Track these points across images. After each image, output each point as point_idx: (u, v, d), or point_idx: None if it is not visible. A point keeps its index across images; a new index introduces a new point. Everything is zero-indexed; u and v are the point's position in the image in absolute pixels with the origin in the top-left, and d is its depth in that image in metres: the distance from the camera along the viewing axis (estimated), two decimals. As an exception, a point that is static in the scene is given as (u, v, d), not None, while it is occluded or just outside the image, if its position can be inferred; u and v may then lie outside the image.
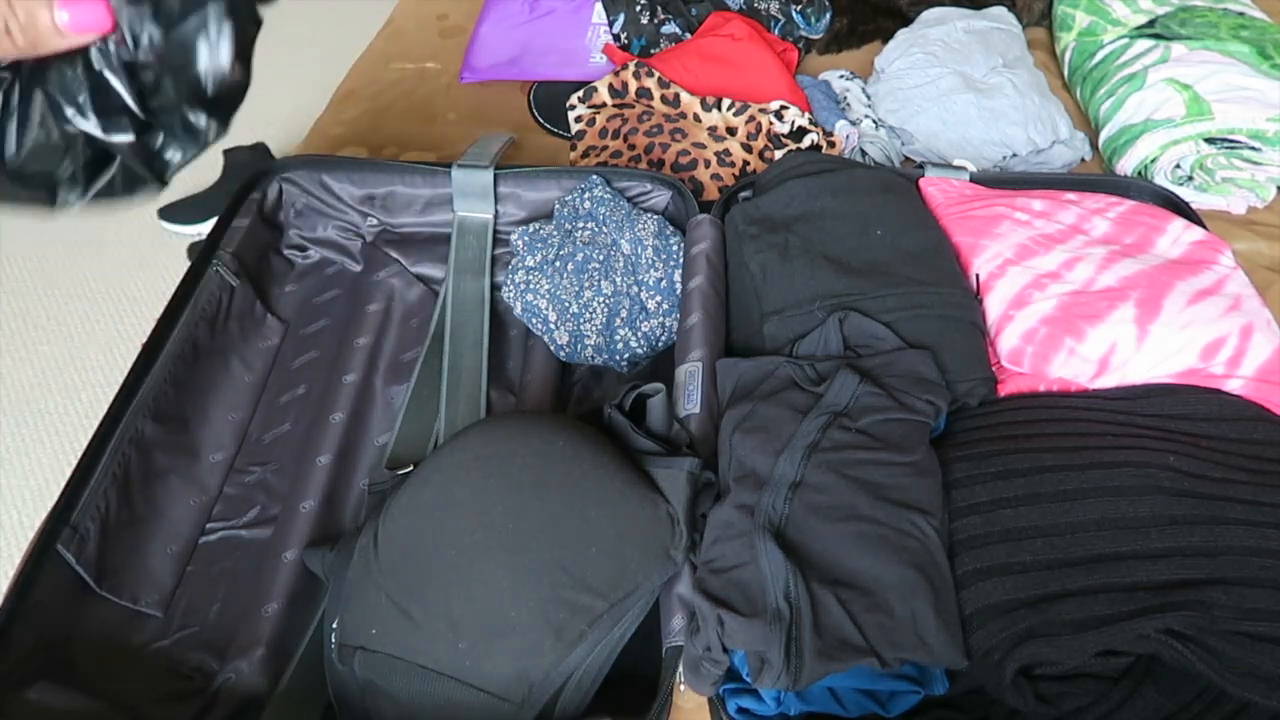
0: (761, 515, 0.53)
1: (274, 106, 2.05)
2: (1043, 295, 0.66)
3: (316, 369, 0.78)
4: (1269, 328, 0.63)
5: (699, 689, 0.51)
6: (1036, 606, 0.49)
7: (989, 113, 0.92)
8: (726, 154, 0.92)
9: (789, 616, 0.48)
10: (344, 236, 0.86)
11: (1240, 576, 0.49)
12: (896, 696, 0.51)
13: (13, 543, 1.33)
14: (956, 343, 0.64)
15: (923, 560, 0.51)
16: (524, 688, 0.49)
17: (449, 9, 1.25)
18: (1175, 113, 0.87)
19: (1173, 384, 0.62)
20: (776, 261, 0.68)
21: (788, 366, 0.62)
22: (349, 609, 0.54)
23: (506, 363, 0.78)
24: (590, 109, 0.99)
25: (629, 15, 1.09)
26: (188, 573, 0.65)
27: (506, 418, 0.60)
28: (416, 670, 0.50)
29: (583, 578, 0.50)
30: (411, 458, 0.69)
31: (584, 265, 0.75)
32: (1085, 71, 1.00)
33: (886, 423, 0.57)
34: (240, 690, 0.58)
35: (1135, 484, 0.54)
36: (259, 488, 0.70)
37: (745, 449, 0.57)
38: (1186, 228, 0.71)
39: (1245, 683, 0.45)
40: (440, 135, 1.04)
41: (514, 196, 0.83)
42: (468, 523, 0.52)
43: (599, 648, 0.50)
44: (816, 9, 1.10)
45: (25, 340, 1.60)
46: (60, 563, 0.58)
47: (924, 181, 0.78)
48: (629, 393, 0.62)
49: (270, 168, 0.83)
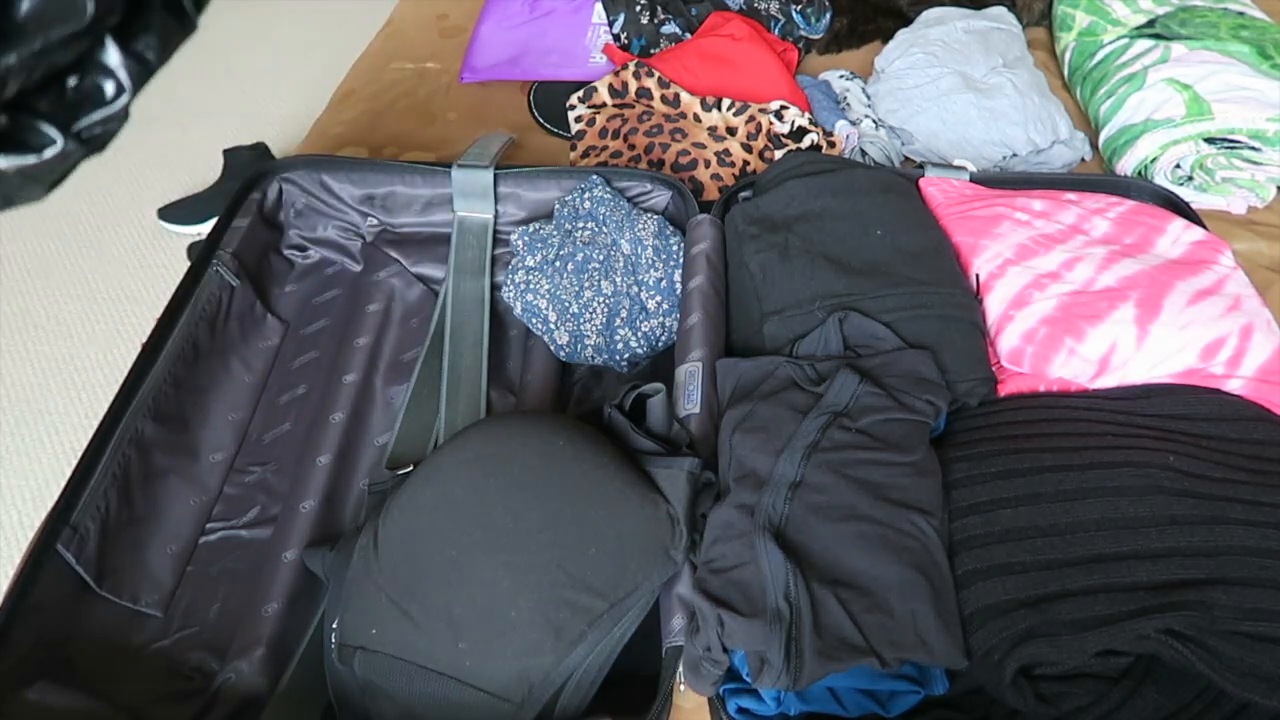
0: (761, 515, 0.53)
1: (274, 106, 2.06)
2: (1043, 295, 0.66)
3: (316, 369, 0.78)
4: (1269, 328, 0.63)
5: (699, 689, 0.51)
6: (1036, 606, 0.49)
7: (989, 113, 0.92)
8: (726, 154, 0.92)
9: (789, 616, 0.48)
10: (344, 236, 0.85)
11: (1240, 576, 0.49)
12: (896, 696, 0.51)
13: (13, 543, 1.33)
14: (956, 343, 0.64)
15: (923, 560, 0.51)
16: (524, 688, 0.49)
17: (449, 9, 1.25)
18: (1175, 113, 0.87)
19: (1173, 384, 0.62)
20: (776, 261, 0.68)
21: (788, 366, 0.62)
22: (349, 609, 0.54)
23: (506, 363, 0.78)
24: (590, 109, 0.99)
25: (629, 15, 1.09)
26: (188, 573, 0.65)
27: (506, 418, 0.60)
28: (416, 670, 0.50)
29: (583, 578, 0.50)
30: (411, 458, 0.69)
31: (584, 265, 0.75)
32: (1085, 71, 1.00)
33: (886, 423, 0.57)
34: (240, 690, 0.58)
35: (1135, 484, 0.54)
36: (259, 488, 0.70)
37: (745, 449, 0.57)
38: (1186, 228, 0.71)
39: (1245, 683, 0.45)
40: (440, 135, 1.04)
41: (514, 196, 0.83)
42: (468, 523, 0.52)
43: (599, 648, 0.50)
44: (816, 9, 1.10)
45: (25, 340, 1.60)
46: (60, 563, 0.58)
47: (924, 181, 0.78)
48: (629, 393, 0.62)
49: (270, 168, 0.83)
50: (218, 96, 2.10)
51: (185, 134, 1.99)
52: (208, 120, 2.02)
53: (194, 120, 2.03)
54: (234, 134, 1.90)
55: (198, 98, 2.09)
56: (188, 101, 2.08)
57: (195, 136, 1.98)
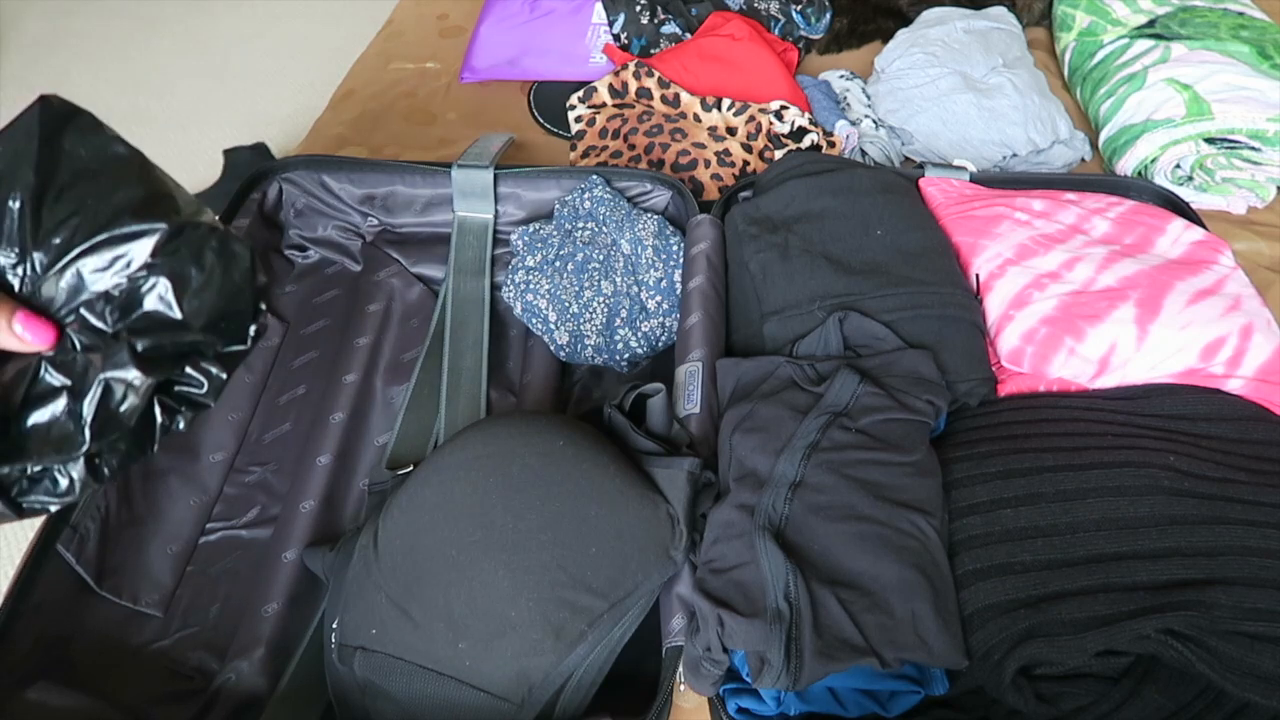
0: (761, 515, 0.53)
1: (274, 106, 2.05)
2: (1043, 295, 0.66)
3: (316, 369, 0.78)
4: (1269, 328, 0.63)
5: (699, 689, 0.51)
6: (1036, 606, 0.49)
7: (989, 113, 0.92)
8: (726, 154, 0.92)
9: (789, 616, 0.48)
10: (344, 236, 0.86)
11: (1240, 576, 0.49)
12: (896, 696, 0.51)
13: (13, 543, 1.33)
14: (956, 343, 0.64)
15: (923, 560, 0.51)
16: (524, 688, 0.49)
17: (449, 9, 1.25)
18: (1175, 113, 0.87)
19: (1173, 384, 0.62)
20: (776, 261, 0.68)
21: (788, 366, 0.62)
22: (349, 609, 0.54)
23: (506, 363, 0.78)
24: (590, 109, 0.99)
25: (629, 15, 1.09)
26: (188, 573, 0.65)
27: (506, 418, 0.60)
28: (416, 670, 0.50)
29: (583, 578, 0.50)
30: (411, 458, 0.69)
31: (584, 265, 0.75)
32: (1085, 71, 1.00)
33: (886, 423, 0.57)
34: (240, 690, 0.58)
35: (1135, 484, 0.54)
36: (259, 488, 0.70)
37: (745, 449, 0.57)
38: (1186, 228, 0.71)
39: (1245, 683, 0.45)
40: (440, 135, 1.04)
41: (514, 196, 0.83)
42: (468, 523, 0.52)
43: (599, 648, 0.50)
44: (816, 9, 1.10)
45: (25, 340, 1.60)
46: (60, 563, 0.58)
47: (924, 181, 0.78)
48: (629, 393, 0.62)
49: (270, 168, 0.83)
50: (218, 96, 2.10)
51: (185, 134, 1.99)
52: (208, 120, 2.02)
53: (194, 120, 2.03)
54: (234, 134, 1.90)
55: (198, 98, 2.09)
56: (188, 101, 2.08)
57: (195, 136, 1.98)
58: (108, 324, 0.33)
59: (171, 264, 0.33)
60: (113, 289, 0.33)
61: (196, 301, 0.34)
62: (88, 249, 0.32)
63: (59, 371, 0.32)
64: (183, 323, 0.34)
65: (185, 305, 0.34)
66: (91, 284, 0.32)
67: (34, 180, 0.32)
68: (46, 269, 0.32)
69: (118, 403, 0.33)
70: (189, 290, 0.34)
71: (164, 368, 0.34)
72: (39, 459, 0.33)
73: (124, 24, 2.34)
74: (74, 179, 0.33)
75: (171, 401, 0.36)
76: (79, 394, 0.32)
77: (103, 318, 0.33)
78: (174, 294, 0.33)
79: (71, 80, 2.15)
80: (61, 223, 0.32)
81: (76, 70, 2.18)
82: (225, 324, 0.36)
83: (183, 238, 0.34)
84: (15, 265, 0.32)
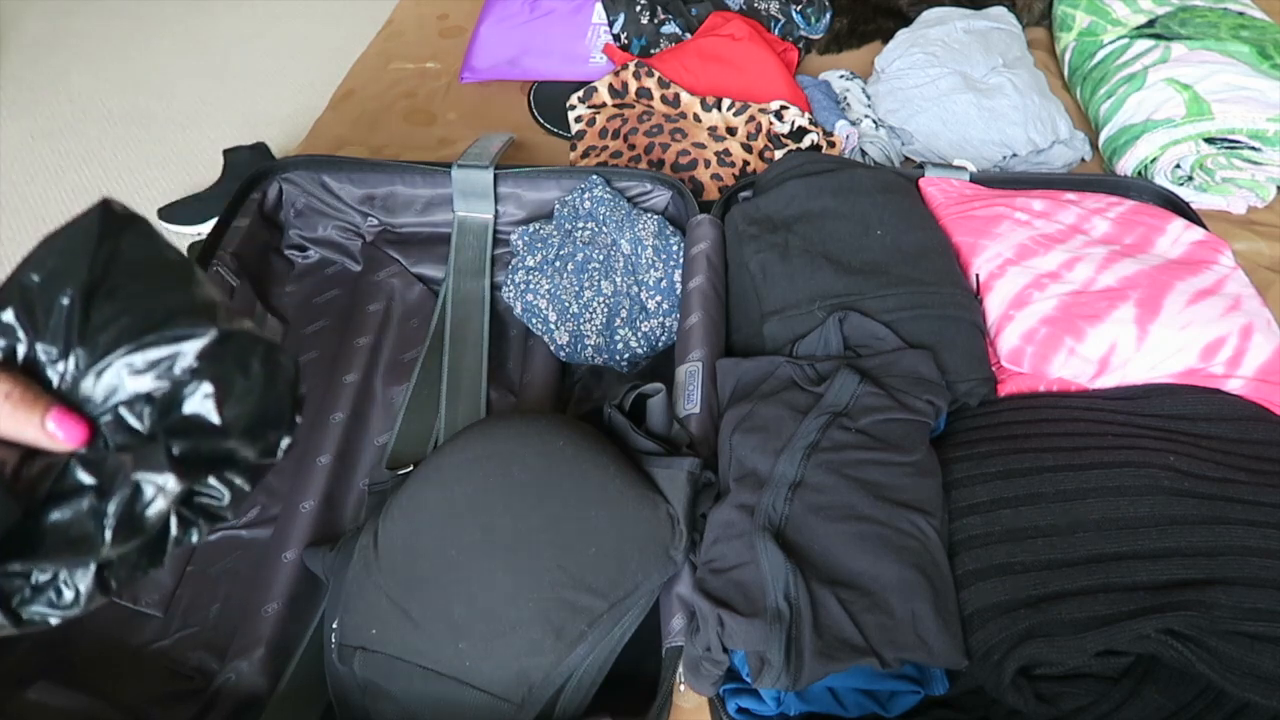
0: (761, 515, 0.53)
1: (274, 106, 2.06)
2: (1043, 295, 0.66)
3: (317, 369, 0.77)
4: (1269, 328, 0.63)
5: (699, 689, 0.51)
6: (1036, 606, 0.49)
7: (989, 113, 0.92)
8: (726, 154, 0.92)
9: (789, 616, 0.48)
10: (344, 236, 0.86)
11: (1240, 576, 0.49)
12: (896, 696, 0.51)
13: (13, 543, 1.34)
14: (956, 343, 0.64)
15: (923, 560, 0.51)
16: (524, 688, 0.49)
17: (449, 9, 1.25)
18: (1175, 113, 0.87)
19: (1173, 384, 0.62)
20: (776, 261, 0.68)
21: (788, 366, 0.62)
22: (349, 609, 0.54)
23: (506, 363, 0.78)
24: (590, 109, 0.99)
25: (629, 15, 1.09)
26: (188, 573, 0.65)
27: (506, 418, 0.60)
28: (417, 670, 0.50)
29: (583, 578, 0.50)
30: (411, 458, 0.69)
31: (584, 265, 0.75)
32: (1085, 71, 1.00)
33: (886, 423, 0.57)
34: (240, 690, 0.58)
35: (1135, 484, 0.54)
36: (259, 488, 0.70)
37: (745, 449, 0.57)
38: (1186, 228, 0.71)
39: (1245, 683, 0.45)
40: (440, 135, 1.04)
41: (514, 196, 0.83)
42: (468, 523, 0.52)
43: (599, 648, 0.50)
44: (816, 9, 1.10)
45: (25, 340, 1.60)
46: (60, 563, 0.58)
47: (924, 181, 0.78)
48: (629, 393, 0.62)
49: (270, 168, 0.83)
50: (218, 96, 2.10)
51: (185, 134, 1.99)
52: (208, 120, 2.03)
53: (194, 120, 2.03)
54: (234, 134, 1.91)
55: (198, 98, 2.09)
56: (188, 101, 2.08)
57: (195, 136, 1.98)
58: (144, 424, 0.32)
59: (217, 369, 0.33)
60: (154, 390, 0.32)
61: (238, 408, 0.34)
62: (133, 349, 0.32)
63: (87, 470, 0.32)
64: (222, 429, 0.33)
65: (226, 411, 0.33)
66: (133, 384, 0.32)
67: (87, 278, 0.32)
68: (88, 366, 0.32)
69: (145, 505, 0.32)
70: (232, 396, 0.33)
71: (196, 473, 0.34)
72: (52, 560, 0.32)
73: (124, 24, 2.34)
74: (126, 280, 0.33)
75: (189, 513, 0.35)
76: (106, 494, 0.32)
77: (140, 418, 0.32)
78: (216, 399, 0.33)
79: (71, 80, 2.15)
80: (110, 321, 0.32)
81: (76, 70, 2.18)
82: (262, 434, 0.35)
83: (231, 344, 0.34)
84: (56, 361, 0.32)
